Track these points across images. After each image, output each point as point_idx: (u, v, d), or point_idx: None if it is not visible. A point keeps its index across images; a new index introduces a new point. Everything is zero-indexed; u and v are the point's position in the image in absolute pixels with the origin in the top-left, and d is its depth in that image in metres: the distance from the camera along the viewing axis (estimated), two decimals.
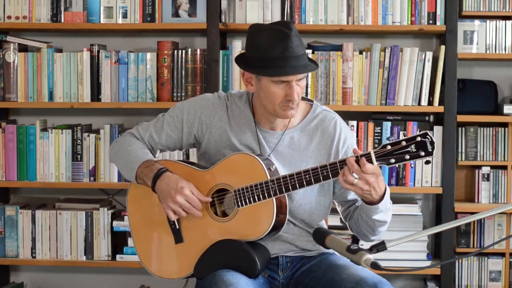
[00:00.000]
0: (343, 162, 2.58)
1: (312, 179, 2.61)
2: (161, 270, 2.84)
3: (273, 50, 2.65)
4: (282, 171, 2.73)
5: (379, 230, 2.75)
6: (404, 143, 2.52)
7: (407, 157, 2.51)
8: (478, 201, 4.04)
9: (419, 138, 2.50)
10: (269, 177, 2.65)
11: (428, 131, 2.52)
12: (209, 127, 2.83)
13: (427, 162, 2.53)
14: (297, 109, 2.75)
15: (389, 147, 2.53)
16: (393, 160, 2.53)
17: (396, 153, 2.52)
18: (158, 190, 2.74)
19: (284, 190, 2.64)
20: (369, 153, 2.54)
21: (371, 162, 2.53)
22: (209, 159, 2.83)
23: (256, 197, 2.65)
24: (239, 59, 2.78)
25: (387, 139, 2.57)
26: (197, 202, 2.70)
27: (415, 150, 2.51)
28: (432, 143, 2.49)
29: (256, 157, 2.68)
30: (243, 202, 2.67)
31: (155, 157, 2.89)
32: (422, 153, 2.50)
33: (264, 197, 2.65)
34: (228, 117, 2.83)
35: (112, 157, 2.96)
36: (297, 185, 2.63)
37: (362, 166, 2.52)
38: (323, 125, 2.82)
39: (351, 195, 2.81)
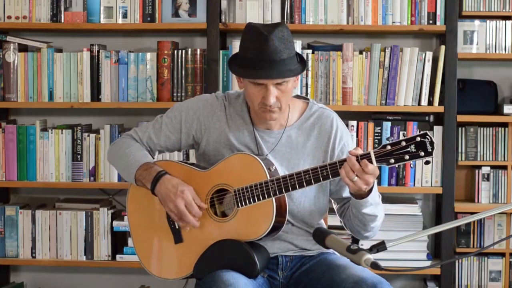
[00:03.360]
0: (342, 162, 2.58)
1: (312, 179, 2.61)
2: (160, 270, 2.84)
3: (249, 51, 2.66)
4: (280, 169, 2.73)
5: (370, 225, 2.75)
6: (403, 143, 2.52)
7: (407, 157, 2.51)
8: (478, 201, 4.04)
9: (418, 138, 2.50)
10: (268, 177, 2.65)
11: (427, 131, 2.52)
12: (207, 128, 2.83)
13: (427, 163, 2.53)
14: (281, 113, 2.74)
15: (388, 147, 2.53)
16: (392, 160, 2.53)
17: (395, 153, 2.52)
18: (158, 194, 2.74)
19: (283, 190, 2.64)
20: (369, 153, 2.54)
21: (371, 162, 2.53)
22: (209, 160, 2.83)
23: (255, 197, 2.65)
24: (233, 57, 2.80)
25: (387, 139, 2.57)
26: (195, 207, 2.70)
27: (415, 150, 2.51)
28: (431, 143, 2.50)
29: (256, 157, 2.69)
30: (243, 202, 2.67)
31: (154, 158, 2.89)
32: (422, 153, 2.50)
33: (263, 197, 2.65)
34: (226, 117, 2.83)
35: (111, 160, 2.96)
36: (297, 185, 2.63)
37: (364, 167, 2.53)
38: (320, 122, 2.82)
39: (346, 193, 2.81)
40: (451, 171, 3.90)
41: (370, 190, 2.64)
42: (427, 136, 2.50)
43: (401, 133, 3.92)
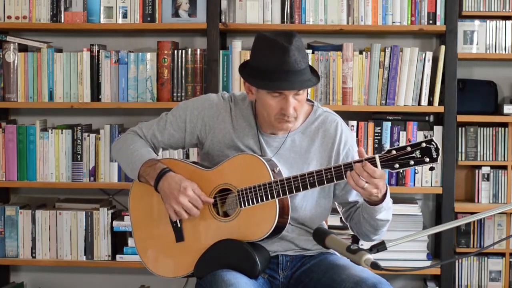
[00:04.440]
0: (347, 165, 2.59)
1: (316, 182, 2.61)
2: (161, 268, 2.84)
3: (270, 63, 2.64)
4: (284, 174, 2.73)
5: (381, 230, 2.76)
6: (409, 148, 2.52)
7: (412, 162, 2.52)
8: (478, 201, 4.04)
9: (424, 144, 2.51)
10: (272, 179, 2.65)
11: (433, 138, 2.53)
12: (212, 128, 2.83)
13: (431, 169, 2.54)
14: (296, 122, 2.74)
15: (394, 152, 2.54)
16: (397, 165, 2.54)
17: (400, 158, 2.53)
18: (160, 190, 2.74)
19: (287, 191, 2.64)
20: (374, 158, 2.55)
21: (376, 167, 2.54)
22: (212, 160, 2.83)
23: (259, 198, 2.65)
24: (243, 67, 2.78)
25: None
26: (200, 202, 2.70)
27: (420, 156, 2.52)
28: (437, 149, 2.50)
29: (260, 158, 2.68)
30: (246, 203, 2.67)
31: (157, 155, 2.90)
32: (427, 159, 2.51)
33: (267, 198, 2.65)
34: (231, 119, 2.83)
35: (115, 155, 2.96)
36: (301, 187, 2.63)
37: (371, 173, 2.53)
38: (324, 127, 2.82)
39: (352, 197, 2.81)
40: (451, 171, 3.90)
41: (384, 196, 2.64)
42: (433, 142, 2.51)
43: (401, 133, 3.92)
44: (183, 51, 4.01)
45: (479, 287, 4.05)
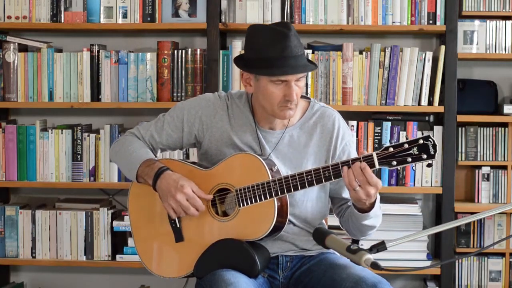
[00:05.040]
0: (345, 163, 2.59)
1: (314, 180, 2.62)
2: (161, 268, 2.84)
3: (272, 50, 2.66)
4: (283, 170, 2.74)
5: (367, 232, 2.80)
6: (406, 145, 2.52)
7: (409, 159, 2.52)
8: (478, 201, 4.04)
9: (421, 141, 2.51)
10: (270, 178, 2.66)
11: (430, 134, 2.53)
12: (209, 127, 2.84)
13: (429, 165, 2.54)
14: (296, 109, 2.76)
15: (391, 149, 2.54)
16: (395, 163, 2.54)
17: (398, 155, 2.53)
18: (158, 189, 2.74)
19: (285, 190, 2.64)
20: (371, 155, 2.55)
21: (373, 165, 2.54)
22: (211, 159, 2.83)
23: (257, 197, 2.66)
24: (238, 60, 2.79)
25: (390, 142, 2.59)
26: (198, 201, 2.70)
27: (417, 152, 2.52)
28: (434, 146, 2.51)
29: (258, 157, 2.69)
30: (244, 202, 2.67)
31: (156, 156, 2.90)
32: (424, 156, 2.51)
33: (265, 197, 2.65)
34: (228, 117, 2.84)
35: (113, 157, 2.96)
36: (299, 185, 2.63)
37: (369, 177, 2.53)
38: (322, 121, 2.83)
39: (346, 194, 2.82)
40: (451, 171, 3.90)
41: (373, 205, 2.65)
42: (430, 139, 2.51)
43: (401, 133, 3.92)
44: (183, 51, 4.01)
45: (479, 287, 4.05)
